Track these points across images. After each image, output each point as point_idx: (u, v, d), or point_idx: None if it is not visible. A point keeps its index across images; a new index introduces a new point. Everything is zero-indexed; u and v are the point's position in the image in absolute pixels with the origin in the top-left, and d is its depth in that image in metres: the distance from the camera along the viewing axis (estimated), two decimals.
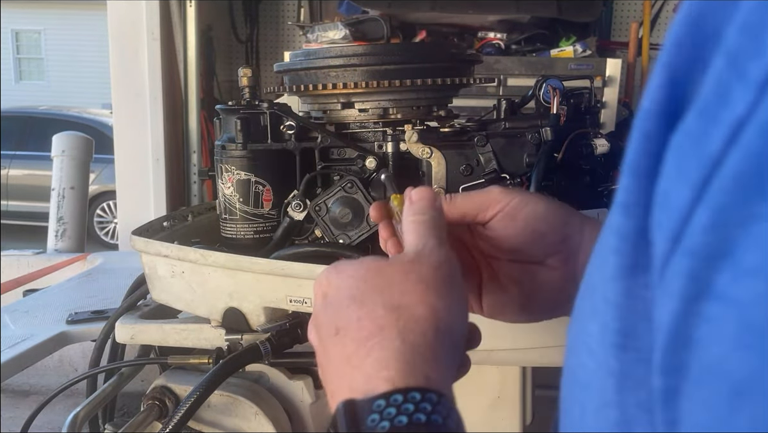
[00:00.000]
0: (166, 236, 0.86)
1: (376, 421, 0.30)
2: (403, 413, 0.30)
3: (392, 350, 0.33)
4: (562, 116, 0.78)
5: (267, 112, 0.79)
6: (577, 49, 1.96)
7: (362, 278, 0.37)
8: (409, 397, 0.30)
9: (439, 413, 0.30)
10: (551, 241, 0.46)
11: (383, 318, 0.34)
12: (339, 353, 0.35)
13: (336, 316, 0.36)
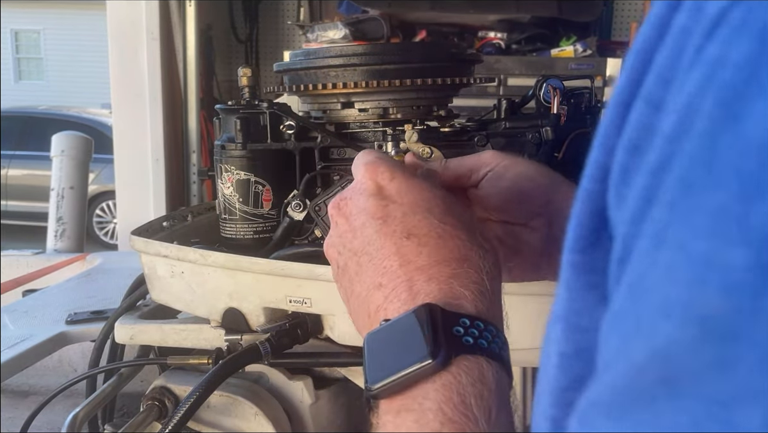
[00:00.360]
0: (166, 236, 0.86)
1: (461, 333, 0.32)
2: (483, 338, 0.32)
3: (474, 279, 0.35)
4: (563, 116, 0.78)
5: (267, 111, 0.79)
6: (578, 49, 1.96)
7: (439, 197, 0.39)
8: (489, 327, 0.33)
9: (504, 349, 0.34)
10: (536, 202, 0.48)
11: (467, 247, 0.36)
12: (407, 255, 0.36)
13: (408, 221, 0.37)
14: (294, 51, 0.81)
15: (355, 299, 0.38)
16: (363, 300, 0.37)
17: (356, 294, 0.38)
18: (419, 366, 0.31)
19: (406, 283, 0.35)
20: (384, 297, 0.36)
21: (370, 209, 0.38)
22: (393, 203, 0.38)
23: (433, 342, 0.31)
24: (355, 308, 0.39)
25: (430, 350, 0.31)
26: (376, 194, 0.39)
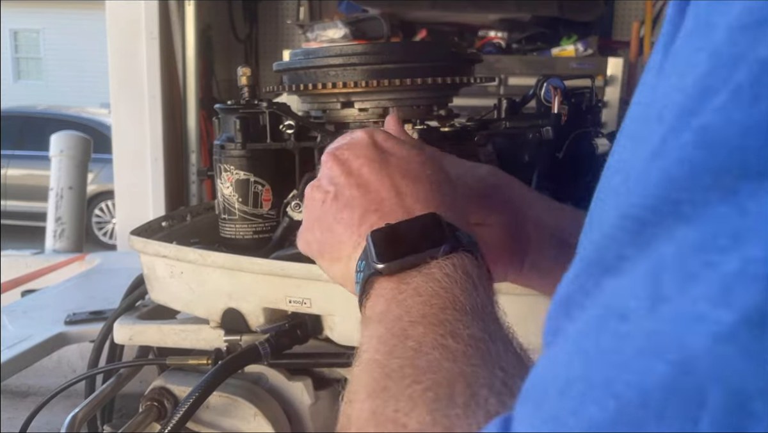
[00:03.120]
0: (165, 236, 0.86)
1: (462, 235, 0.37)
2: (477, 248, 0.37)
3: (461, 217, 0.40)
4: (563, 116, 0.78)
5: (266, 111, 0.79)
6: (579, 48, 1.95)
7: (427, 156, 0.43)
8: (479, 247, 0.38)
9: None
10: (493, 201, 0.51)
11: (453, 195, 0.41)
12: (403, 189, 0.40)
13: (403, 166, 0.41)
14: (293, 50, 0.80)
15: (339, 227, 0.41)
16: (353, 223, 0.40)
17: (343, 221, 0.41)
18: (431, 250, 0.35)
19: (404, 209, 0.39)
20: (379, 217, 0.39)
21: (369, 155, 0.42)
22: (389, 154, 0.42)
23: (441, 235, 0.36)
24: (336, 234, 0.42)
25: (440, 240, 0.35)
26: (372, 145, 0.43)
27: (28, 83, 11.27)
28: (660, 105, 0.20)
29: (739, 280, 0.15)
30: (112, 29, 2.06)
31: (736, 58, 0.17)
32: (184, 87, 2.16)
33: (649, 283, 0.17)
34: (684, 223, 0.17)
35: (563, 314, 0.21)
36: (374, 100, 0.77)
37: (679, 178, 0.17)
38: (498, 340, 0.31)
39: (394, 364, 0.30)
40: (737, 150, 0.16)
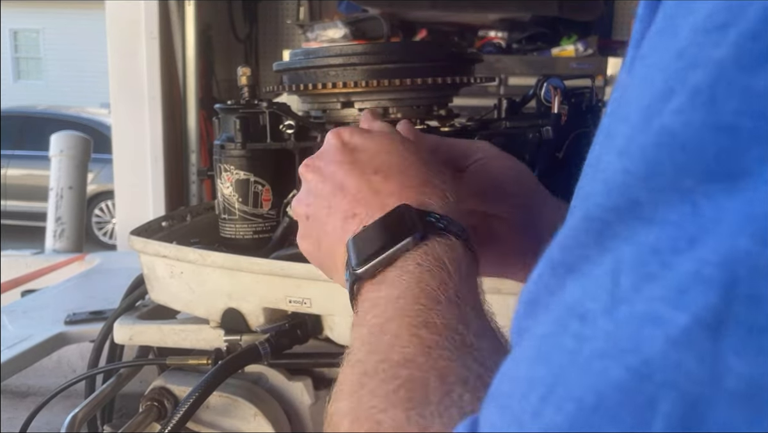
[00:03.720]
0: (165, 236, 0.86)
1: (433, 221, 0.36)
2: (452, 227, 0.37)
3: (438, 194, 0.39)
4: (564, 115, 0.78)
5: (266, 111, 0.79)
6: (579, 48, 1.96)
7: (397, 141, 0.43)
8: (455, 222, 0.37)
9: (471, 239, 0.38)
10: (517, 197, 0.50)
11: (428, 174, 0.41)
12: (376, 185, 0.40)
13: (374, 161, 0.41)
14: (293, 50, 0.80)
15: (327, 239, 0.41)
16: (337, 235, 0.40)
17: (329, 233, 0.41)
18: (400, 243, 0.35)
19: (380, 206, 0.39)
20: (359, 221, 0.39)
21: (338, 157, 0.42)
22: (358, 151, 0.42)
23: (410, 225, 0.35)
24: (327, 248, 0.42)
25: (409, 230, 0.35)
26: (342, 147, 0.43)
27: (28, 83, 11.27)
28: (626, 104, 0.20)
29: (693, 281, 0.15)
30: (112, 29, 2.06)
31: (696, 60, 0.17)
32: (184, 87, 2.16)
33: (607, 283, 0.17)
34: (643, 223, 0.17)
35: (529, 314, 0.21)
36: (374, 100, 0.77)
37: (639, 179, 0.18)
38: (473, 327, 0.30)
39: (372, 360, 0.30)
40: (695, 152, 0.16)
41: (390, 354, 0.29)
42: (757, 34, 0.16)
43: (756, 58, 0.16)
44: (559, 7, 1.91)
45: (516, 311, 0.22)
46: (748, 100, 0.16)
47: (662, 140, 0.17)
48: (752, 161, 0.15)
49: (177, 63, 2.13)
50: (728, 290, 0.15)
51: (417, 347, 0.29)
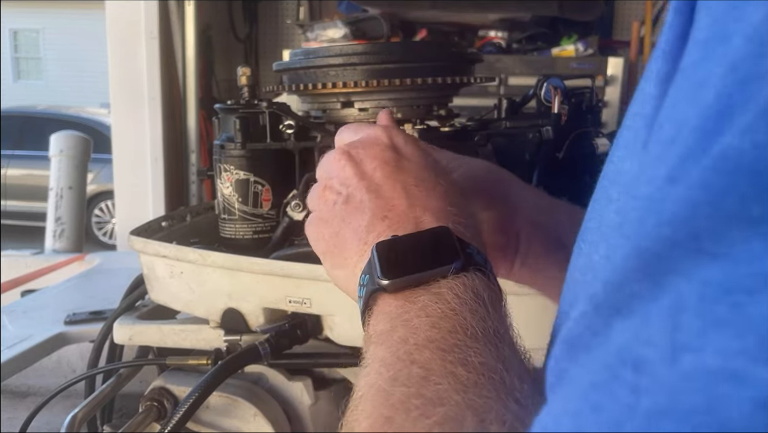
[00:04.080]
0: (165, 236, 0.86)
1: (473, 253, 0.35)
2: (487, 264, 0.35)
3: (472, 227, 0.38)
4: (564, 116, 0.78)
5: (266, 111, 0.79)
6: (579, 48, 1.95)
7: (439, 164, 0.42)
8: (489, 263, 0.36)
9: None
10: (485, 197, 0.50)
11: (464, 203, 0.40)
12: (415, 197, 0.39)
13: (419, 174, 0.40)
14: (293, 50, 0.80)
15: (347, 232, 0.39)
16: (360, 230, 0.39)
17: (353, 226, 0.39)
18: (440, 268, 0.33)
19: (414, 219, 0.37)
20: (387, 226, 0.37)
21: (385, 158, 0.40)
22: (405, 159, 0.41)
23: (452, 252, 0.34)
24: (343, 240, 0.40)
25: (450, 257, 0.33)
26: (391, 148, 0.41)
27: (28, 83, 11.27)
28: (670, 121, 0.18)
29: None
30: (111, 29, 2.06)
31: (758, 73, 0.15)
32: (184, 87, 2.16)
33: (666, 327, 0.15)
34: (706, 258, 0.15)
35: (568, 357, 0.19)
36: (374, 100, 0.77)
37: (699, 208, 0.15)
38: (512, 368, 0.28)
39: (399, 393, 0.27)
40: (764, 176, 0.14)
41: (422, 389, 0.27)
42: None
43: None
44: (559, 7, 1.91)
45: (551, 350, 0.20)
46: None
47: (724, 165, 0.15)
48: None
49: (177, 63, 2.13)
50: None
51: (452, 383, 0.27)
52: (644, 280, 0.16)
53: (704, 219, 0.15)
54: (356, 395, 0.29)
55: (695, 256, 0.15)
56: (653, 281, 0.16)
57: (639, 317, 0.16)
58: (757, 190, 0.15)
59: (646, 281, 0.16)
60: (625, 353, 0.16)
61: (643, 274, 0.17)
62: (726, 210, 0.15)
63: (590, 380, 0.17)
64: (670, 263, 0.16)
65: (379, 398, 0.28)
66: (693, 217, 0.16)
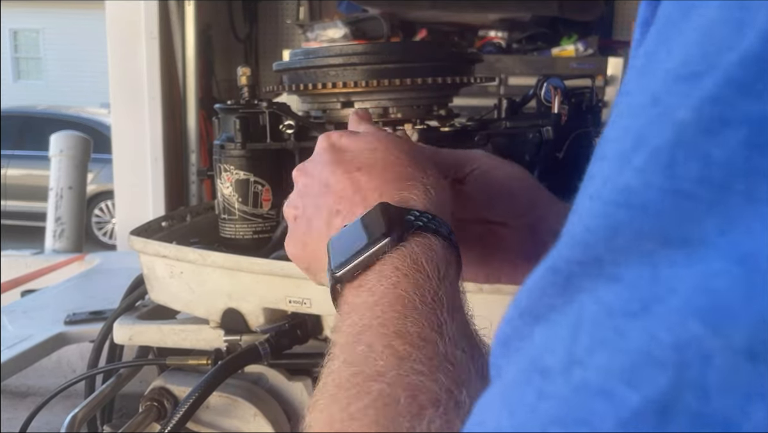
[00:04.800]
0: (165, 236, 0.86)
1: (412, 219, 0.36)
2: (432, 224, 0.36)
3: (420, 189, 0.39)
4: (564, 116, 0.78)
5: (266, 111, 0.79)
6: (579, 48, 1.95)
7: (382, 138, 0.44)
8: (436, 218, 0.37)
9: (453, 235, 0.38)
10: (521, 203, 0.50)
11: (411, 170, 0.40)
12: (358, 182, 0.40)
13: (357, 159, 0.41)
14: (294, 50, 0.80)
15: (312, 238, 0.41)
16: (322, 234, 0.40)
17: (314, 232, 0.41)
18: (378, 245, 0.34)
19: (362, 202, 0.39)
20: (342, 219, 0.39)
21: (325, 158, 0.43)
22: (344, 151, 0.43)
23: (388, 226, 0.35)
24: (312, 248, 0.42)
25: (386, 231, 0.35)
26: (329, 148, 0.43)
27: (28, 83, 11.27)
28: (605, 142, 0.20)
29: (645, 360, 0.15)
30: (111, 29, 2.06)
31: (664, 113, 0.17)
32: (184, 87, 2.16)
33: (567, 340, 0.17)
34: (605, 282, 0.17)
35: (503, 354, 0.21)
36: (374, 100, 0.77)
37: (601, 237, 0.17)
38: (448, 333, 0.30)
39: (346, 372, 0.29)
40: (655, 215, 0.16)
41: (363, 366, 0.29)
42: (718, 97, 0.16)
43: (716, 124, 0.15)
44: (559, 7, 1.91)
45: (492, 350, 0.22)
46: (707, 168, 0.15)
47: (624, 199, 0.17)
48: (709, 231, 0.15)
49: (177, 63, 2.13)
50: (678, 376, 0.14)
51: (389, 359, 0.28)
52: (559, 294, 0.18)
53: (604, 246, 0.17)
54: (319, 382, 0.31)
55: (596, 278, 0.17)
56: (565, 295, 0.18)
57: (552, 327, 0.18)
58: (647, 227, 0.16)
59: (560, 295, 0.18)
60: (537, 359, 0.18)
61: (558, 288, 0.18)
62: (621, 241, 0.17)
63: (509, 379, 0.19)
64: (579, 280, 0.17)
65: (331, 379, 0.30)
66: (595, 242, 0.17)
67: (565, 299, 0.18)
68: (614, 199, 0.17)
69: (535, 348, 0.18)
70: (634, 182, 0.17)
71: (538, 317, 0.19)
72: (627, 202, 0.17)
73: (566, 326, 0.17)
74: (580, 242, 0.18)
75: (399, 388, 0.27)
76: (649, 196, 0.16)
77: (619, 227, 0.17)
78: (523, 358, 0.19)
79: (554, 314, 0.18)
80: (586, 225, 0.18)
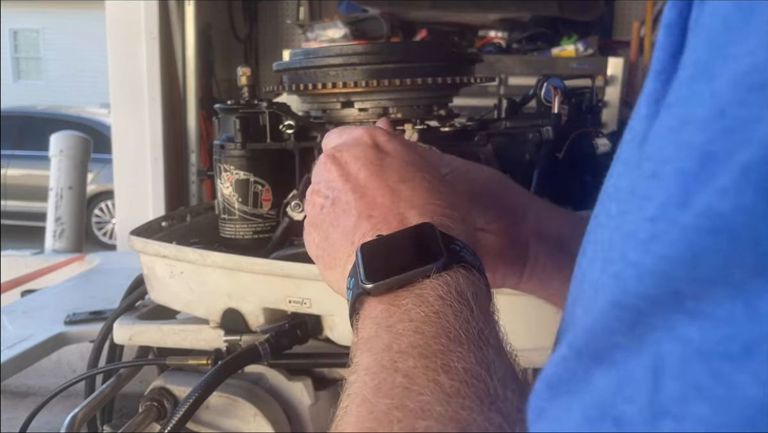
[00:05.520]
0: (165, 236, 0.86)
1: (458, 249, 0.34)
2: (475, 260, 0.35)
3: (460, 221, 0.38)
4: (564, 116, 0.78)
5: (266, 111, 0.79)
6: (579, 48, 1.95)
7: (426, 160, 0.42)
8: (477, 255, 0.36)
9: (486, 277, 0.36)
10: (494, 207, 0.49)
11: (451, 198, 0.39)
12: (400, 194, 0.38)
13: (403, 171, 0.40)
14: (293, 50, 0.80)
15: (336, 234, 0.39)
16: (347, 234, 0.38)
17: (339, 229, 0.39)
18: (421, 268, 0.32)
19: (398, 215, 0.37)
20: (372, 226, 0.37)
21: (369, 157, 0.40)
22: (389, 157, 0.41)
23: (434, 249, 0.33)
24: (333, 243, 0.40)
25: (433, 255, 0.33)
26: (374, 147, 0.41)
27: (28, 83, 11.26)
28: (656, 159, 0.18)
29: (758, 411, 0.13)
30: (111, 29, 2.06)
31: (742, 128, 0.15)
32: (184, 87, 2.16)
33: (647, 385, 0.15)
34: (687, 318, 0.15)
35: (549, 397, 0.19)
36: (374, 100, 0.77)
37: (680, 266, 0.15)
38: (496, 372, 0.28)
39: (382, 405, 0.27)
40: (747, 242, 0.14)
41: (405, 400, 0.26)
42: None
43: None
44: (559, 7, 1.91)
45: (535, 387, 0.20)
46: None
47: (708, 224, 0.15)
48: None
49: (177, 63, 2.13)
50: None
51: (435, 394, 0.26)
52: (626, 332, 0.16)
53: (684, 279, 0.15)
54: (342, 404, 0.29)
55: (676, 315, 0.15)
56: (635, 334, 0.16)
57: (621, 370, 0.16)
58: (738, 255, 0.14)
59: (627, 333, 0.16)
60: (607, 406, 0.16)
61: (624, 325, 0.16)
62: (707, 271, 0.15)
63: (570, 427, 0.17)
64: (652, 318, 0.16)
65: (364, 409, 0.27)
66: (673, 274, 0.15)
67: (634, 337, 0.16)
68: (694, 224, 0.15)
69: (601, 394, 0.16)
70: (721, 205, 0.14)
71: (601, 359, 0.17)
72: (713, 228, 0.15)
73: (642, 368, 0.15)
74: (652, 273, 0.16)
75: (448, 425, 0.25)
76: (741, 220, 0.14)
77: (704, 255, 0.15)
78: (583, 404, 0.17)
79: (622, 354, 0.16)
80: (658, 253, 0.16)
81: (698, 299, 0.15)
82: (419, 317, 0.30)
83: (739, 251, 0.14)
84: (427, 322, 0.30)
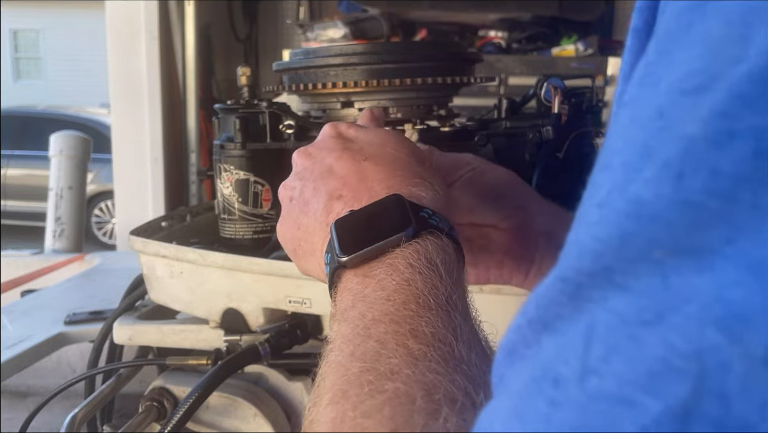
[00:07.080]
0: (165, 236, 0.86)
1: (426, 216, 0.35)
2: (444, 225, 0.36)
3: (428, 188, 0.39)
4: (564, 115, 0.77)
5: (266, 111, 0.79)
6: (579, 48, 1.95)
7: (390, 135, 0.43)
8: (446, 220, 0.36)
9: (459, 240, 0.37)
10: (509, 206, 0.51)
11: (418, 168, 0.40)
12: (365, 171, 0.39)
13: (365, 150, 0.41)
14: (293, 50, 0.80)
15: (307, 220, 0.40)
16: (319, 214, 0.39)
17: (310, 214, 0.40)
18: (392, 237, 0.33)
19: (367, 191, 0.38)
20: (344, 204, 0.38)
21: (331, 146, 0.42)
22: (352, 141, 0.42)
23: (404, 219, 0.34)
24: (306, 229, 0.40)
25: (402, 224, 0.34)
26: (336, 136, 0.43)
27: (28, 83, 11.27)
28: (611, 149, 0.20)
29: (664, 368, 0.15)
30: (111, 29, 2.06)
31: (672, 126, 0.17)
32: (184, 87, 2.16)
33: (579, 348, 0.17)
34: (615, 291, 0.17)
35: (508, 362, 0.21)
36: (374, 100, 0.77)
37: (611, 246, 0.17)
38: (463, 337, 0.30)
39: (355, 368, 0.28)
40: (664, 225, 0.16)
41: (375, 363, 0.28)
42: (725, 111, 0.16)
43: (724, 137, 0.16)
44: (559, 7, 1.91)
45: (496, 355, 0.22)
46: (715, 179, 0.16)
47: (634, 210, 0.17)
48: (717, 240, 0.15)
49: (177, 63, 2.13)
50: (698, 383, 0.15)
51: (404, 357, 0.28)
52: (567, 303, 0.18)
53: (614, 255, 0.17)
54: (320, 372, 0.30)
55: (608, 288, 0.17)
56: (574, 305, 0.18)
57: (561, 337, 0.18)
58: (657, 236, 0.16)
59: (568, 304, 0.18)
60: (548, 368, 0.18)
61: (566, 297, 0.18)
62: (631, 251, 0.17)
63: (519, 388, 0.19)
64: (589, 291, 0.18)
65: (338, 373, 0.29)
66: (605, 252, 0.18)
67: (574, 308, 0.18)
68: (624, 210, 0.17)
69: (545, 357, 0.18)
70: (645, 193, 0.17)
71: (547, 326, 0.19)
72: (637, 213, 0.17)
73: (577, 335, 0.17)
74: (590, 252, 0.18)
75: (414, 387, 0.26)
76: (659, 206, 0.16)
77: (630, 237, 0.17)
78: (531, 367, 0.19)
79: (564, 323, 0.18)
80: (595, 235, 0.18)
81: (625, 274, 0.17)
82: (391, 285, 0.32)
83: (658, 234, 0.16)
84: (398, 290, 0.32)
